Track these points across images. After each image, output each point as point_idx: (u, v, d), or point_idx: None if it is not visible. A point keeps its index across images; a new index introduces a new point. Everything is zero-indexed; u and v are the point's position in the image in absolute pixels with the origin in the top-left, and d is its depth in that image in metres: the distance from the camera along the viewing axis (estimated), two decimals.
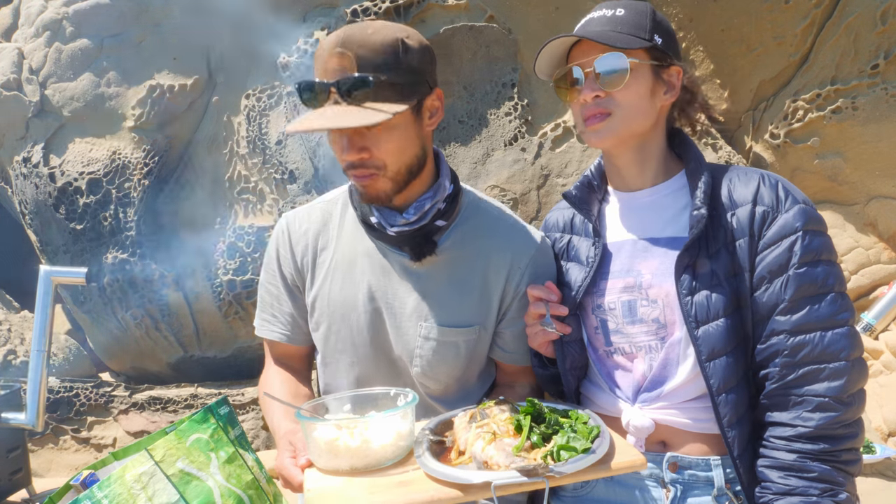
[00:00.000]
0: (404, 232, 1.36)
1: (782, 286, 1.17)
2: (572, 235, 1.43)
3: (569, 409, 1.25)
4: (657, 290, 1.25)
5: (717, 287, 1.19)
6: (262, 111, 3.79)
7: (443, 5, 3.54)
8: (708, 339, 1.19)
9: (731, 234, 1.21)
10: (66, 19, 3.89)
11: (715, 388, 1.19)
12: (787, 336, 1.16)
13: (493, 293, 1.42)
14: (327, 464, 1.16)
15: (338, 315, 1.43)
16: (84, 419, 4.05)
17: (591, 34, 1.24)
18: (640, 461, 1.10)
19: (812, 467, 1.13)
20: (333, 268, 1.44)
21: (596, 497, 1.33)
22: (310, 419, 1.18)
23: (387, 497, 1.06)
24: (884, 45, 3.32)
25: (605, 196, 1.41)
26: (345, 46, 1.24)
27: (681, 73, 1.30)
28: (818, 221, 1.19)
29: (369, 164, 1.29)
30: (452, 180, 1.43)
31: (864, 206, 3.59)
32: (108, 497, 1.06)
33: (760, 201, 1.20)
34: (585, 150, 3.55)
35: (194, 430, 1.17)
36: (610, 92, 1.24)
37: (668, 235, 1.27)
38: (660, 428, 1.26)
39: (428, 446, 1.17)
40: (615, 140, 1.28)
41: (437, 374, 1.41)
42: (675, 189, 1.31)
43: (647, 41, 1.24)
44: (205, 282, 3.96)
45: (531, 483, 1.04)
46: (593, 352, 1.35)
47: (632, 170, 1.34)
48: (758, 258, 1.19)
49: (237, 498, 1.16)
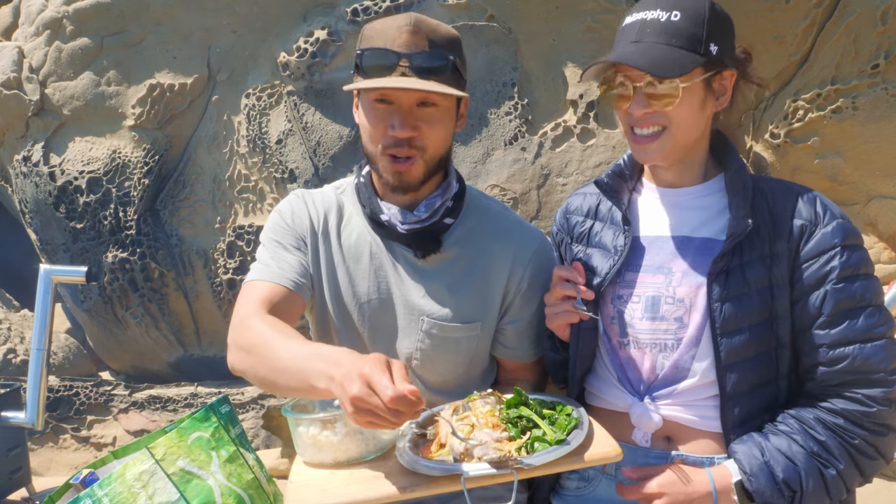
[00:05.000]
0: (415, 229, 1.37)
1: (821, 301, 1.18)
2: (596, 221, 1.41)
3: (556, 402, 1.26)
4: (685, 290, 1.25)
5: (747, 296, 1.20)
6: (262, 110, 3.79)
7: (443, 4, 3.54)
8: (731, 346, 1.19)
9: (767, 245, 1.21)
10: (66, 18, 3.88)
11: (729, 392, 1.20)
12: (827, 349, 1.18)
13: (496, 290, 1.43)
14: (312, 458, 1.18)
15: (341, 305, 1.43)
16: (84, 418, 4.05)
17: (642, 60, 1.16)
18: (615, 453, 1.11)
19: (821, 432, 1.15)
20: (338, 258, 1.44)
21: (599, 496, 1.34)
22: (296, 414, 1.20)
23: (361, 488, 1.07)
24: (884, 45, 3.32)
25: (638, 186, 1.40)
26: (418, 27, 1.26)
27: (734, 77, 1.27)
28: (856, 236, 1.21)
29: (415, 143, 1.30)
30: (458, 179, 1.45)
31: (864, 206, 3.59)
32: (108, 495, 1.06)
33: (799, 215, 1.21)
34: (585, 149, 3.55)
35: (196, 429, 1.17)
36: (660, 110, 1.21)
37: (703, 236, 1.27)
38: (667, 424, 1.26)
39: (411, 439, 1.18)
40: (664, 158, 1.26)
41: (436, 369, 1.42)
42: (714, 191, 1.30)
43: (701, 56, 1.18)
44: (205, 281, 3.96)
45: (501, 475, 1.04)
46: (607, 341, 1.35)
47: (672, 170, 1.33)
48: (797, 273, 1.20)
49: (237, 497, 1.16)
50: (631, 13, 1.24)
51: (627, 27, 1.23)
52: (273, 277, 1.35)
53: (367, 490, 1.07)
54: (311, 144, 3.71)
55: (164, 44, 3.87)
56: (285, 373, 1.14)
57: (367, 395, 0.95)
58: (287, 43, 3.71)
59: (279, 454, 3.47)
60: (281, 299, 1.33)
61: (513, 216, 1.50)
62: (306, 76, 3.67)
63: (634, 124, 1.24)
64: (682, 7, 1.19)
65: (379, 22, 1.31)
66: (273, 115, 3.79)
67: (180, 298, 4.03)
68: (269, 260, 1.40)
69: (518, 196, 3.59)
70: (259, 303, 1.30)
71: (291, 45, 3.68)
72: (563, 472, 1.38)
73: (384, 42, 1.27)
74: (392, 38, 1.26)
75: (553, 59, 3.54)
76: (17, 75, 4.00)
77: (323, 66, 3.66)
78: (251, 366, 1.22)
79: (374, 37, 1.29)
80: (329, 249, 1.44)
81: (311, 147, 3.71)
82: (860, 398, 1.15)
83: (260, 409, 3.78)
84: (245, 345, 1.24)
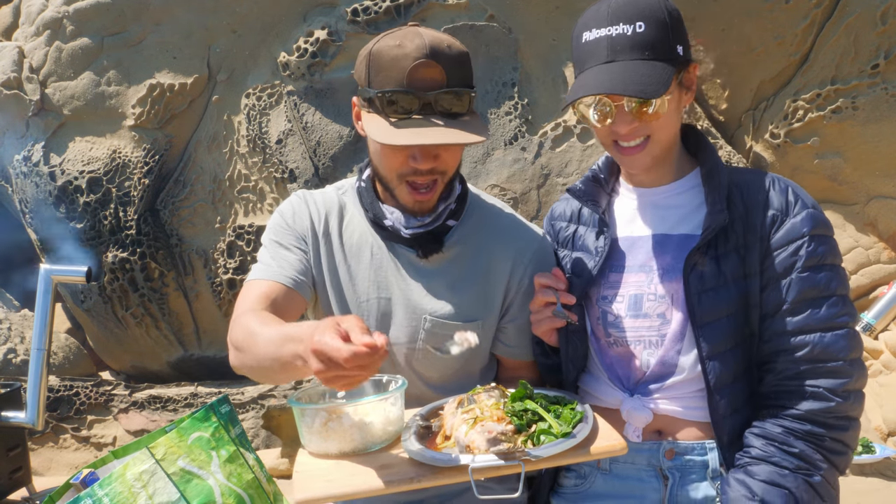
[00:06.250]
0: (418, 233, 1.38)
1: (786, 289, 1.20)
2: (579, 225, 1.43)
3: (559, 396, 1.27)
4: (666, 287, 1.26)
5: (723, 287, 1.21)
6: (262, 110, 3.79)
7: (443, 4, 3.54)
8: (710, 337, 1.21)
9: (741, 236, 1.23)
10: (66, 18, 3.89)
11: (713, 383, 1.21)
12: (789, 336, 1.19)
13: (497, 289, 1.44)
14: (318, 447, 1.18)
15: (342, 304, 1.44)
16: (84, 418, 4.05)
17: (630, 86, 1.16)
18: (620, 445, 1.12)
19: (794, 444, 1.17)
20: (340, 257, 1.44)
21: (595, 492, 1.35)
22: (301, 405, 1.20)
23: (367, 478, 1.07)
24: (884, 45, 3.32)
25: (615, 188, 1.41)
26: (434, 58, 1.24)
27: (696, 68, 1.29)
28: (825, 226, 1.22)
29: (436, 170, 1.31)
30: (461, 181, 1.46)
31: (864, 206, 3.59)
32: (108, 495, 1.06)
33: (770, 205, 1.23)
34: (585, 149, 3.55)
35: (196, 429, 1.17)
36: (646, 123, 1.22)
37: (682, 233, 1.29)
38: (657, 417, 1.28)
39: (416, 431, 1.18)
40: (653, 163, 1.28)
41: (437, 366, 1.43)
42: (689, 188, 1.32)
43: (672, 62, 1.20)
44: (205, 281, 3.96)
45: (508, 466, 1.05)
46: (595, 342, 1.36)
47: (648, 171, 1.34)
48: (766, 261, 1.21)
49: (237, 497, 1.16)
50: (587, 29, 1.23)
51: (591, 45, 1.22)
52: (272, 276, 1.36)
53: (374, 480, 1.07)
54: (311, 144, 3.72)
55: (164, 44, 3.87)
56: (268, 360, 1.15)
57: (327, 366, 0.96)
58: (287, 43, 3.71)
59: (279, 454, 3.47)
60: (280, 297, 1.33)
61: (512, 215, 1.52)
62: (306, 76, 3.67)
63: (619, 139, 1.26)
64: (642, 16, 1.19)
65: (388, 45, 1.27)
66: (273, 115, 3.79)
67: (180, 298, 4.03)
68: (270, 260, 1.40)
69: (518, 196, 3.59)
70: (255, 301, 1.30)
71: (291, 45, 3.68)
72: (561, 471, 1.39)
73: (400, 76, 1.24)
74: (408, 71, 1.24)
75: (553, 59, 3.54)
76: (17, 75, 4.00)
77: (323, 66, 3.66)
78: (243, 361, 1.24)
79: (386, 67, 1.26)
80: (330, 249, 1.45)
81: (311, 147, 3.72)
82: (821, 392, 1.16)
83: (260, 409, 3.78)
84: (236, 341, 1.25)
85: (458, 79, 1.27)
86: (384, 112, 1.26)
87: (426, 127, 1.24)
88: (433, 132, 1.24)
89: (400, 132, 1.25)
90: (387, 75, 1.26)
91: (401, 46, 1.25)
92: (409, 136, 1.24)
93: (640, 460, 1.29)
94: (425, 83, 1.24)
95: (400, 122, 1.25)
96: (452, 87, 1.26)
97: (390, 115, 1.26)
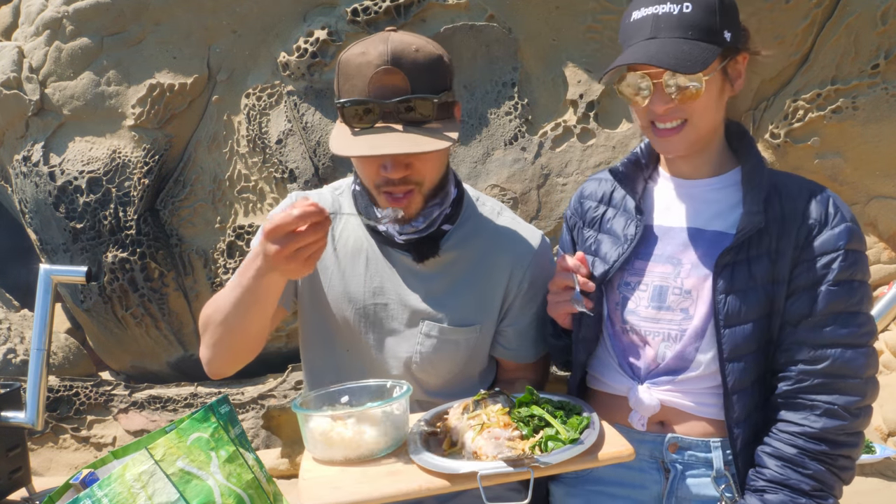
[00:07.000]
0: (412, 239, 1.37)
1: (813, 300, 1.19)
2: (609, 207, 1.41)
3: (564, 401, 1.26)
4: (693, 282, 1.25)
5: (752, 291, 1.20)
6: (262, 110, 3.79)
7: (443, 4, 3.54)
8: (734, 339, 1.20)
9: (774, 241, 1.21)
10: (66, 18, 3.88)
11: (731, 385, 1.21)
12: (810, 348, 1.19)
13: (496, 292, 1.43)
14: (323, 454, 1.17)
15: (339, 308, 1.43)
16: (84, 418, 4.05)
17: (666, 58, 1.15)
18: (627, 452, 1.12)
19: (809, 465, 1.16)
20: (335, 260, 1.44)
21: (596, 476, 1.35)
22: (306, 411, 1.20)
23: (375, 486, 1.07)
24: (884, 45, 3.32)
25: (654, 175, 1.40)
26: (396, 65, 1.21)
27: (746, 59, 1.27)
28: (860, 241, 1.22)
29: (410, 179, 1.29)
30: (456, 184, 1.44)
31: (864, 206, 3.59)
32: (108, 496, 1.06)
33: (809, 214, 1.22)
34: (585, 149, 3.55)
35: (195, 429, 1.16)
36: (683, 104, 1.20)
37: (715, 230, 1.27)
38: (664, 409, 1.27)
39: (421, 437, 1.18)
40: (687, 149, 1.26)
41: (435, 370, 1.42)
42: (729, 185, 1.30)
43: (718, 46, 1.18)
44: (205, 281, 3.96)
45: (517, 473, 1.05)
46: (610, 326, 1.35)
47: (689, 161, 1.33)
48: (797, 269, 1.21)
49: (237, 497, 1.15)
50: (637, 8, 1.22)
51: (637, 23, 1.21)
52: None
53: (381, 487, 1.07)
54: (311, 144, 3.71)
55: (164, 44, 3.87)
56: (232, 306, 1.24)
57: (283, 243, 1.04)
58: (287, 43, 3.71)
59: (279, 454, 3.47)
60: None
61: (510, 216, 1.50)
62: (306, 76, 3.67)
63: (656, 119, 1.24)
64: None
65: (355, 53, 1.25)
66: (273, 115, 3.79)
67: (180, 298, 4.03)
68: None
69: (518, 196, 3.59)
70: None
71: (291, 45, 3.68)
72: None
73: (363, 84, 1.22)
74: (368, 80, 1.21)
75: (553, 59, 3.54)
76: (17, 75, 4.00)
77: (323, 65, 3.66)
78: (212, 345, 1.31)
79: (352, 75, 1.25)
80: (326, 252, 1.44)
81: (311, 147, 3.71)
82: (836, 410, 1.16)
83: (260, 410, 3.78)
84: (202, 328, 1.35)
85: (424, 84, 1.23)
86: (349, 121, 1.25)
87: (383, 134, 1.22)
88: (388, 141, 1.21)
89: (355, 142, 1.23)
90: (352, 84, 1.25)
91: (364, 54, 1.24)
92: (361, 147, 1.22)
93: (643, 451, 1.29)
94: (386, 91, 1.22)
95: (361, 131, 1.23)
96: (417, 93, 1.22)
97: (354, 125, 1.25)
